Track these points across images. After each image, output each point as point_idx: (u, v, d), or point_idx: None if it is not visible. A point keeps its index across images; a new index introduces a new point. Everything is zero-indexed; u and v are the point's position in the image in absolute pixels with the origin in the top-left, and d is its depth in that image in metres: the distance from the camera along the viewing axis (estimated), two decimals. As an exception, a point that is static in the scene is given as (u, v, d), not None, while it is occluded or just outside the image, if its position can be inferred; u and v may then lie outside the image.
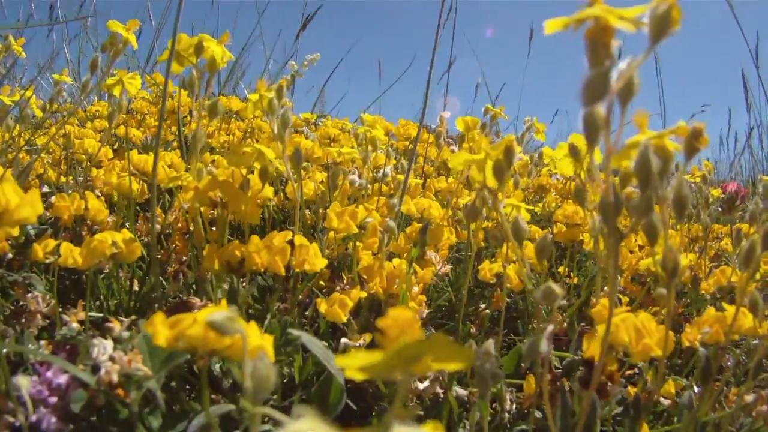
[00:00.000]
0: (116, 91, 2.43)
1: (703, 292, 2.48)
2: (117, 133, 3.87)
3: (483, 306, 2.40)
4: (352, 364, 0.59)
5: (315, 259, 1.76)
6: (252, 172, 1.97)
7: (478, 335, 2.25)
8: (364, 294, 1.84)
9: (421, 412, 1.82)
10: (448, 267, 2.22)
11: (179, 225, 2.40)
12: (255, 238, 1.72)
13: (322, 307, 1.76)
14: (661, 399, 1.84)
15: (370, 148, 2.57)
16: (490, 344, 1.14)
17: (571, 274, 2.72)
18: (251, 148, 1.95)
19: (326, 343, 1.64)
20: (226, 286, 1.85)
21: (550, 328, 1.06)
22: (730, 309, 1.51)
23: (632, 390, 1.82)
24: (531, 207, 2.23)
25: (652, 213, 0.97)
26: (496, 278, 2.26)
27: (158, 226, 2.43)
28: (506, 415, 1.81)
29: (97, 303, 2.08)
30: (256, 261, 1.69)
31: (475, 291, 2.65)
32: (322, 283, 2.10)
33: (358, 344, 1.77)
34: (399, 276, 1.87)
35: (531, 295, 2.41)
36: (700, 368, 1.43)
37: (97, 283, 2.07)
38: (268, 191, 2.02)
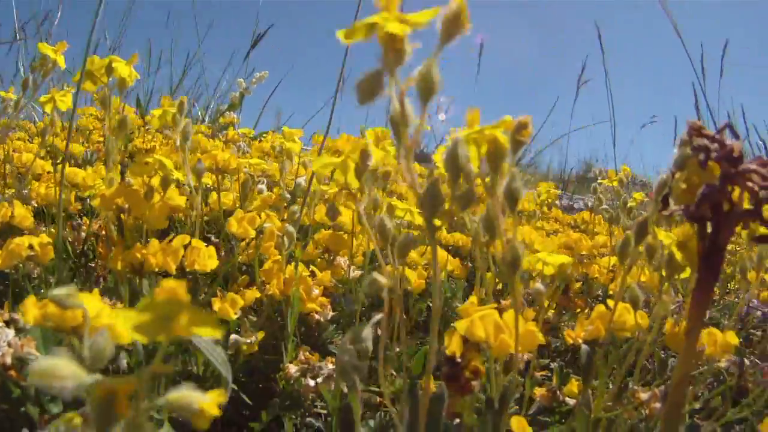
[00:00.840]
0: (48, 108, 2.55)
1: (611, 292, 2.49)
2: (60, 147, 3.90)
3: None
4: (125, 324, 0.65)
5: (206, 260, 1.86)
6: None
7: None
8: (258, 294, 1.92)
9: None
10: (358, 272, 2.21)
11: (103, 232, 2.44)
12: (155, 242, 1.83)
13: (216, 305, 1.83)
14: (567, 399, 1.82)
15: (285, 159, 2.60)
16: (366, 330, 1.11)
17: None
18: (152, 159, 2.05)
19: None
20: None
21: (379, 317, 1.05)
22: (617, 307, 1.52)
23: (538, 391, 1.82)
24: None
25: (470, 205, 0.98)
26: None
27: (83, 234, 2.60)
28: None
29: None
30: (152, 262, 1.81)
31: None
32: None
33: (249, 341, 1.83)
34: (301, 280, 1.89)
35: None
36: (582, 365, 1.43)
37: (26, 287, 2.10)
38: (180, 200, 2.11)
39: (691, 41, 5.83)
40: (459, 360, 1.21)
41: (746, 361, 2.05)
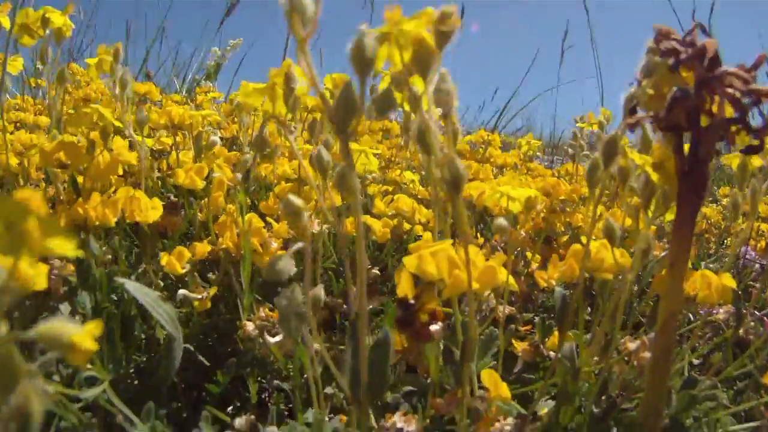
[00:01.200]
0: None
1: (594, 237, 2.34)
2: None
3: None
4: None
5: (147, 211, 1.73)
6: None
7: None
8: (208, 248, 1.79)
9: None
10: (324, 227, 2.05)
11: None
12: (95, 195, 1.71)
13: (163, 259, 1.71)
14: (551, 353, 1.68)
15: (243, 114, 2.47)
16: (283, 260, 0.96)
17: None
18: (90, 109, 1.96)
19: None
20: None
21: (299, 245, 0.91)
22: (594, 244, 1.35)
23: (519, 345, 1.67)
24: (377, 150, 2.06)
25: (388, 110, 0.82)
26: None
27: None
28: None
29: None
30: (92, 215, 1.69)
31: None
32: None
33: (200, 296, 1.70)
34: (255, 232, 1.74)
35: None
36: (557, 310, 1.28)
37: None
38: (131, 156, 1.98)
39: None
40: (412, 302, 1.06)
41: (745, 311, 1.92)
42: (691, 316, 2.05)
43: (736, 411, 1.45)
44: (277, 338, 1.56)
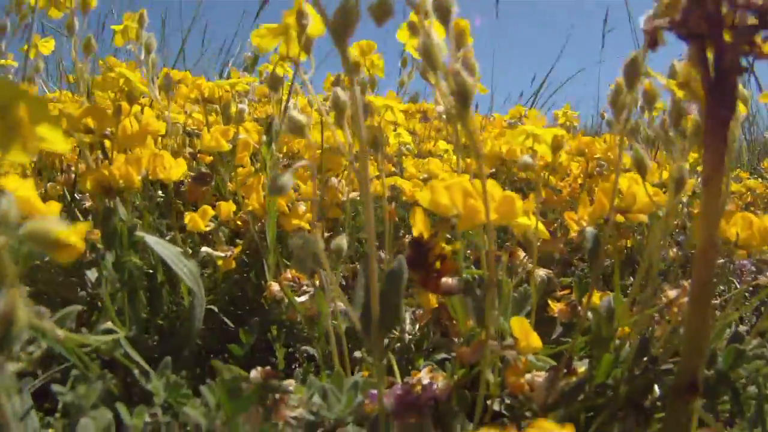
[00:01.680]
0: (32, 54, 2.58)
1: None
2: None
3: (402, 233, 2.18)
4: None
5: (171, 169, 1.68)
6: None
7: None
8: (233, 207, 1.76)
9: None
10: (355, 194, 1.99)
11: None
12: (120, 156, 1.70)
13: (187, 218, 1.69)
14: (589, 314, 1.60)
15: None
16: (285, 175, 0.89)
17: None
18: (116, 73, 1.94)
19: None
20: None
21: (302, 162, 0.85)
22: (623, 180, 1.26)
23: (555, 306, 1.60)
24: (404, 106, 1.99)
25: (387, 16, 0.77)
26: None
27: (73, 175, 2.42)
28: (406, 336, 1.61)
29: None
30: (115, 174, 1.65)
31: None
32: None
33: (224, 255, 1.68)
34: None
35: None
36: (588, 251, 1.20)
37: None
38: (160, 126, 1.93)
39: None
40: (424, 241, 1.00)
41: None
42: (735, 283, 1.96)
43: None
44: (304, 297, 1.51)
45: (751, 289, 1.93)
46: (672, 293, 1.22)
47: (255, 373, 1.25)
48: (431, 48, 0.84)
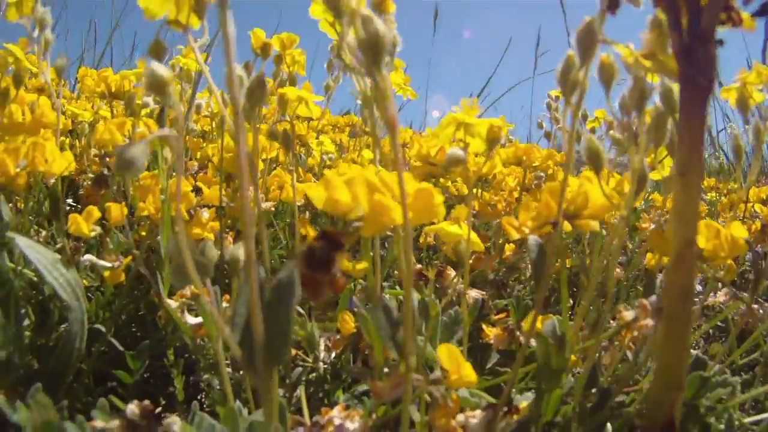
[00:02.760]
0: None
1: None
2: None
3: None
4: None
5: (54, 162, 1.43)
6: None
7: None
8: (125, 210, 1.52)
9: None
10: (269, 204, 1.77)
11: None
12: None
13: (70, 221, 1.46)
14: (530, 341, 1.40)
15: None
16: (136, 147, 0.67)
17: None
18: (2, 51, 1.73)
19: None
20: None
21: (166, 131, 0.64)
22: (573, 180, 1.05)
23: (491, 331, 1.41)
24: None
25: None
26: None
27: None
28: (321, 365, 1.40)
29: None
30: None
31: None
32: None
33: (111, 265, 1.45)
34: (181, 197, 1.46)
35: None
36: (532, 262, 1.00)
37: None
38: (52, 115, 1.67)
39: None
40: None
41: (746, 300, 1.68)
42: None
43: (745, 400, 1.21)
44: (199, 319, 1.29)
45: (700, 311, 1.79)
46: (628, 314, 1.02)
47: (132, 408, 1.02)
48: None
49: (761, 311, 1.76)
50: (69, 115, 2.89)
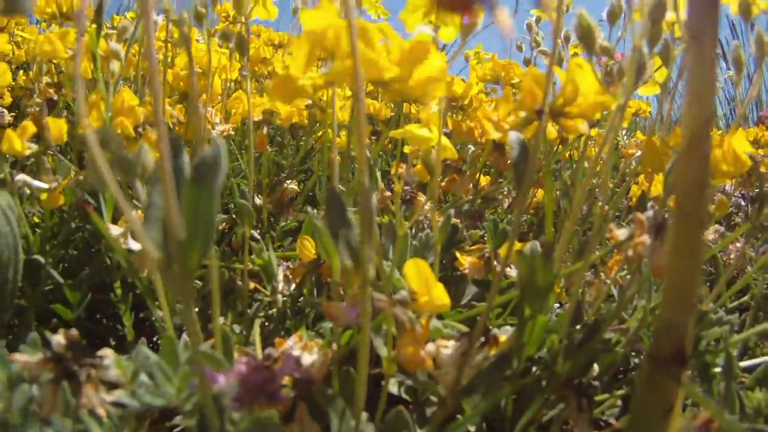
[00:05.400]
0: None
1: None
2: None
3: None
4: None
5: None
6: None
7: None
8: (64, 127, 1.38)
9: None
10: (227, 127, 1.62)
11: None
12: None
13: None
14: (507, 270, 1.28)
15: None
16: None
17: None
18: None
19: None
20: None
21: None
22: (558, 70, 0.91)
23: (465, 260, 1.28)
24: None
25: None
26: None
27: None
28: (279, 297, 1.28)
29: None
30: None
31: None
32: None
33: (47, 186, 1.31)
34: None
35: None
36: (513, 163, 0.87)
37: None
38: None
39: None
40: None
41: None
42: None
43: (746, 338, 1.11)
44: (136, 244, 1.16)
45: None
46: (621, 232, 0.90)
47: (57, 339, 0.89)
48: None
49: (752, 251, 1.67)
50: (21, 43, 2.72)
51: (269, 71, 2.68)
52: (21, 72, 2.70)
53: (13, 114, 2.10)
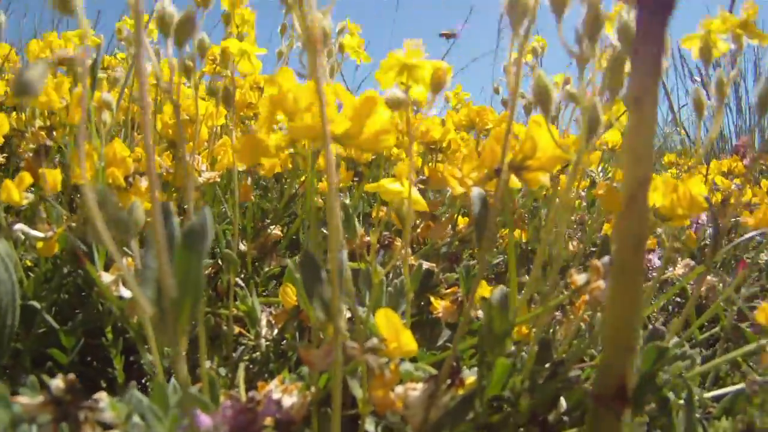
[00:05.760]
0: None
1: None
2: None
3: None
4: None
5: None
6: None
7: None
8: (58, 175, 1.45)
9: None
10: (213, 174, 1.68)
11: None
12: None
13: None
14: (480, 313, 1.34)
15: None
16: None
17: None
18: None
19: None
20: None
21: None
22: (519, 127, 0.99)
23: (439, 304, 1.35)
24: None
25: None
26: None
27: None
28: (263, 342, 1.34)
29: None
30: None
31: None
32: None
33: (43, 235, 1.36)
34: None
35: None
36: (474, 217, 0.94)
37: None
38: None
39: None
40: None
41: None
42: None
43: (705, 371, 1.18)
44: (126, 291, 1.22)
45: (658, 285, 1.76)
46: (580, 278, 0.97)
47: (56, 383, 0.95)
48: None
49: (720, 283, 1.73)
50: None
51: (254, 113, 2.75)
52: (13, 113, 2.76)
53: (4, 155, 2.15)
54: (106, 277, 1.25)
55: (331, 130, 0.67)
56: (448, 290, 1.47)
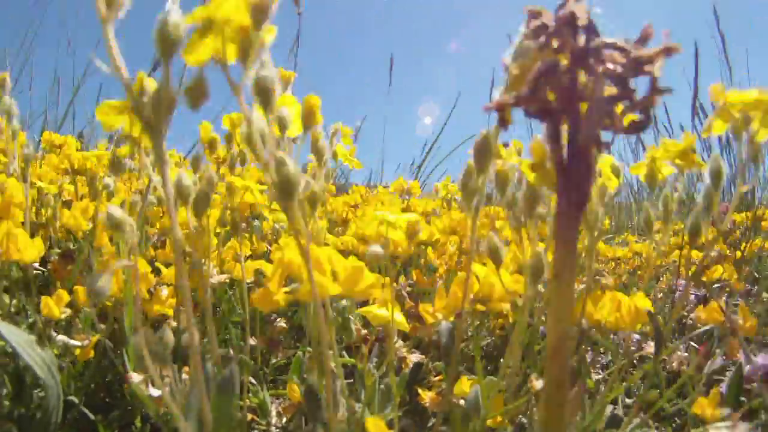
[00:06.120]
0: None
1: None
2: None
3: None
4: None
5: (26, 249, 1.57)
6: None
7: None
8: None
9: None
10: (223, 277, 1.89)
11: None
12: None
13: (42, 304, 1.58)
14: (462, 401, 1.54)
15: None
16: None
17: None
18: None
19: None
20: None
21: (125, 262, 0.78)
22: (481, 269, 1.21)
23: (426, 394, 1.54)
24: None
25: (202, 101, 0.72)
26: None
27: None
28: (273, 429, 1.52)
29: None
30: None
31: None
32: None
33: (80, 343, 1.58)
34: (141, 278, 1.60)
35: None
36: (442, 347, 1.16)
37: None
38: (20, 197, 1.81)
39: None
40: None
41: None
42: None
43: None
44: (157, 392, 1.41)
45: (636, 359, 1.93)
46: (538, 384, 1.18)
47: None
48: (251, 136, 0.78)
49: (687, 357, 1.90)
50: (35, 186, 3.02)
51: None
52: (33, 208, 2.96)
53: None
54: (136, 377, 1.45)
55: (329, 291, 0.88)
56: (437, 378, 1.66)
